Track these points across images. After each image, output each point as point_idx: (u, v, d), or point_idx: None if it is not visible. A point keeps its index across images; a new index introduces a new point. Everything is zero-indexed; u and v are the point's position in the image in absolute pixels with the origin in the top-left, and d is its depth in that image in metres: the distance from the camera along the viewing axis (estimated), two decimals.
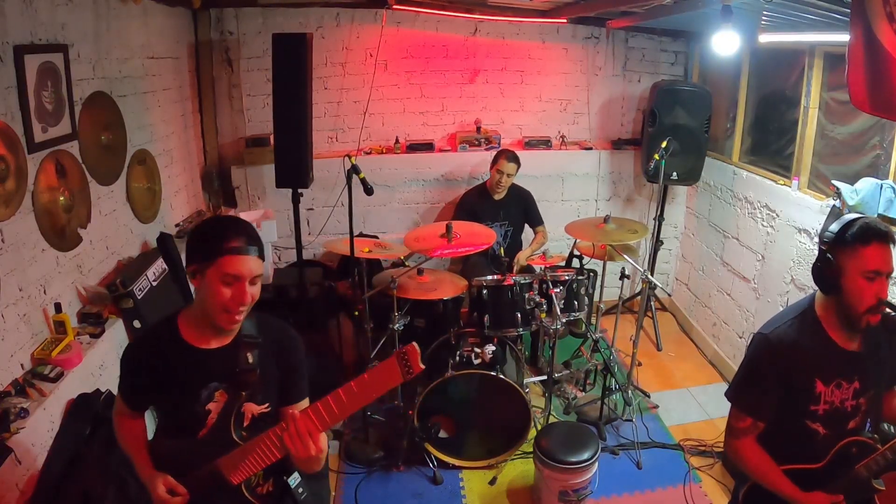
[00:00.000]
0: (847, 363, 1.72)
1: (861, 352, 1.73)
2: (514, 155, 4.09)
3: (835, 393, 1.72)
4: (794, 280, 3.44)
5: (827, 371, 1.72)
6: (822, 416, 1.74)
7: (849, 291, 1.64)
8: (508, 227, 4.24)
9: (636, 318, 3.80)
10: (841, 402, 1.73)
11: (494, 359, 3.20)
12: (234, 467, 1.57)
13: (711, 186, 4.45)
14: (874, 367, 1.74)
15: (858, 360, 1.73)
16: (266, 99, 4.29)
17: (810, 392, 1.72)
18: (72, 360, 2.34)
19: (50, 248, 2.45)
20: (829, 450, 1.75)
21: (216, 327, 1.58)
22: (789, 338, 1.72)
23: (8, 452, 1.90)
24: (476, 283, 3.43)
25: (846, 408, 1.74)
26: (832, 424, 1.75)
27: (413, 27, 4.44)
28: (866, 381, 1.73)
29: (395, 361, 1.36)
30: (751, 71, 4.02)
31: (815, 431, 1.75)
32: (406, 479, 3.21)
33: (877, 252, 1.59)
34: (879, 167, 2.91)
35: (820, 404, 1.73)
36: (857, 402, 1.74)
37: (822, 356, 1.71)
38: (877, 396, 1.78)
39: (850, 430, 1.77)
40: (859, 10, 1.79)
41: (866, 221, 1.62)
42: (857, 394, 1.74)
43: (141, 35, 3.32)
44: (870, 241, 1.59)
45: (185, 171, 4.02)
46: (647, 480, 3.19)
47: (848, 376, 1.72)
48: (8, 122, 2.18)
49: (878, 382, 1.76)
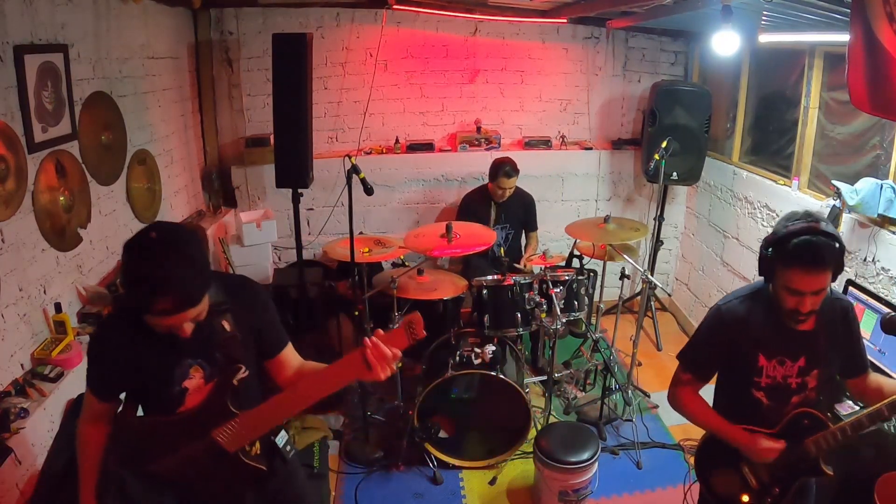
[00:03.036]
0: (793, 341, 1.80)
1: (812, 331, 1.79)
2: (511, 168, 3.97)
3: (777, 369, 1.82)
4: None
5: (770, 347, 1.81)
6: (765, 388, 1.85)
7: (775, 291, 1.77)
8: (510, 230, 4.24)
9: (636, 318, 3.80)
10: (783, 377, 1.83)
11: (494, 359, 3.20)
12: (234, 436, 1.58)
13: (711, 186, 4.45)
14: (824, 348, 1.79)
15: (807, 340, 1.79)
16: (266, 99, 4.30)
17: (753, 364, 1.83)
18: (72, 360, 2.34)
19: (50, 248, 2.45)
20: (774, 419, 1.85)
21: None
22: (738, 312, 1.85)
23: (8, 452, 1.90)
24: (476, 283, 3.42)
25: (789, 384, 1.83)
26: (775, 396, 1.85)
27: (413, 27, 4.44)
28: (813, 360, 1.80)
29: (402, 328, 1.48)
30: (751, 71, 4.02)
31: (758, 400, 1.86)
32: (406, 479, 3.21)
33: (798, 276, 1.65)
34: (879, 167, 2.91)
35: (762, 377, 1.84)
36: (802, 380, 1.82)
37: (767, 333, 1.81)
38: (827, 376, 1.84)
39: (793, 404, 1.85)
40: (859, 10, 1.79)
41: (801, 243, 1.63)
42: (803, 371, 1.82)
43: (141, 35, 3.32)
44: (791, 265, 1.65)
45: (185, 171, 4.02)
46: (647, 480, 3.19)
47: (792, 354, 1.81)
48: (8, 122, 2.18)
49: (828, 363, 1.82)
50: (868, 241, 2.87)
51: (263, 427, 1.62)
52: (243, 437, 1.59)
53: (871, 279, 2.84)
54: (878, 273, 2.81)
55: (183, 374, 1.58)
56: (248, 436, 1.59)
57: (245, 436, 1.59)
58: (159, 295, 1.37)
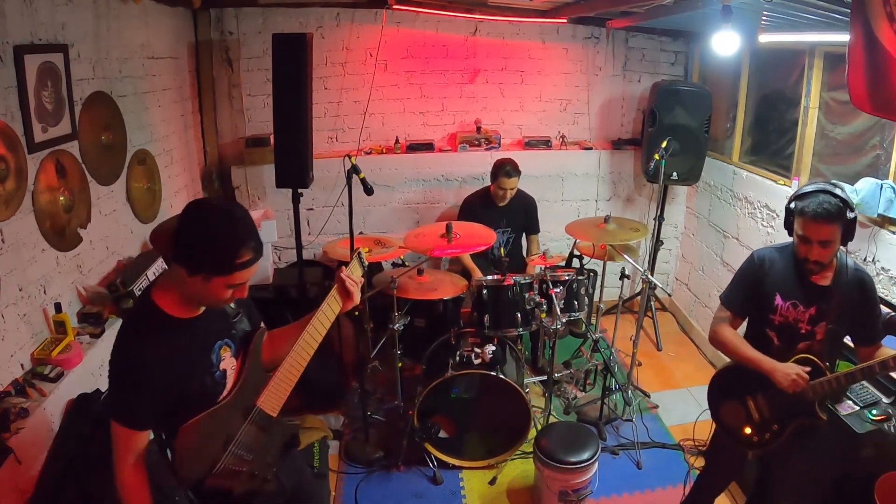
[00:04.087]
0: (808, 290, 2.07)
1: (827, 287, 2.05)
2: (512, 168, 3.94)
3: (790, 311, 2.11)
4: None
5: (788, 291, 2.11)
6: (777, 327, 2.14)
7: (794, 242, 2.09)
8: (511, 233, 4.22)
9: (636, 318, 3.80)
10: (794, 320, 2.10)
11: (494, 359, 3.20)
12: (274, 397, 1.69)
13: (711, 186, 4.45)
14: (836, 306, 2.02)
15: (821, 293, 2.05)
16: (266, 99, 4.30)
17: (770, 302, 2.14)
18: (72, 360, 2.34)
19: (50, 248, 2.45)
20: (782, 360, 2.09)
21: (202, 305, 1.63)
22: (768, 257, 2.18)
23: (8, 452, 1.90)
24: (476, 283, 3.42)
25: (799, 328, 2.10)
26: (784, 338, 2.13)
27: (413, 27, 4.44)
28: (823, 313, 2.04)
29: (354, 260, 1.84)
30: (751, 71, 4.02)
31: (771, 339, 2.16)
32: (406, 479, 3.21)
33: (806, 224, 1.97)
34: (879, 167, 2.91)
35: (776, 315, 2.14)
36: (811, 329, 2.08)
37: (788, 278, 2.11)
38: (834, 333, 2.05)
39: (799, 350, 2.09)
40: (859, 10, 1.79)
41: (814, 201, 1.94)
42: (812, 320, 2.07)
43: (141, 35, 3.32)
44: (802, 214, 1.97)
45: (185, 171, 4.02)
46: (647, 480, 3.19)
47: (806, 301, 2.08)
48: (8, 122, 2.18)
49: (837, 321, 2.03)
50: (868, 241, 2.87)
51: (291, 381, 1.72)
52: (281, 396, 1.70)
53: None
54: (878, 273, 2.81)
55: (218, 358, 1.64)
56: (284, 393, 1.70)
57: (282, 394, 1.70)
58: (245, 246, 1.47)
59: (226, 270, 1.48)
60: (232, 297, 1.56)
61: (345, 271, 1.79)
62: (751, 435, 2.21)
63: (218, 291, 1.51)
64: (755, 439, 2.21)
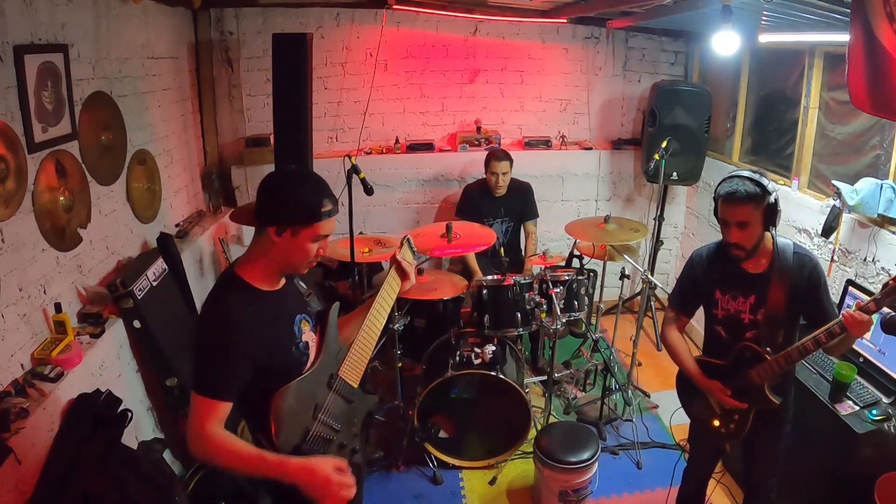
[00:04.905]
0: (744, 280, 2.12)
1: (761, 273, 2.09)
2: (502, 153, 4.07)
3: (730, 303, 2.16)
4: None
5: (725, 283, 2.17)
6: (722, 321, 2.20)
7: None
8: (509, 223, 4.24)
9: (636, 318, 3.80)
10: (736, 311, 2.15)
11: (494, 359, 3.20)
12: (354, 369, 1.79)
13: (711, 186, 4.44)
14: (775, 292, 2.05)
15: (757, 280, 2.10)
16: (266, 99, 4.29)
17: (711, 297, 2.20)
18: (72, 360, 2.33)
19: (50, 248, 2.45)
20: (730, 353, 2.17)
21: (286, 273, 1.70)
22: (702, 254, 2.25)
23: (8, 452, 1.90)
24: (476, 283, 3.42)
25: (742, 318, 2.14)
26: (730, 330, 2.18)
27: (413, 27, 4.44)
28: (761, 300, 2.08)
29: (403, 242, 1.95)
30: (751, 71, 4.02)
31: (719, 334, 2.21)
32: (406, 479, 3.21)
33: (722, 207, 2.04)
34: (879, 167, 2.91)
35: (719, 309, 2.20)
36: (754, 317, 2.12)
37: (723, 271, 2.17)
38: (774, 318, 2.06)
39: (747, 339, 2.12)
40: (859, 10, 1.79)
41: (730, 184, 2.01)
42: (753, 309, 2.11)
43: (141, 35, 3.32)
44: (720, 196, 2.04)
45: (185, 171, 4.02)
46: (647, 480, 3.19)
47: (744, 291, 2.13)
48: (8, 122, 2.18)
49: (776, 306, 2.05)
50: (868, 241, 2.87)
51: (365, 355, 1.82)
52: (359, 369, 1.80)
53: (871, 279, 2.84)
54: (878, 273, 2.81)
55: (299, 330, 1.71)
56: (361, 366, 1.80)
57: (360, 366, 1.80)
58: (325, 196, 1.59)
59: (313, 218, 1.57)
60: (316, 257, 1.64)
61: (399, 253, 1.92)
62: (719, 427, 2.26)
63: (305, 247, 1.60)
64: (723, 430, 2.25)
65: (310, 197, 1.58)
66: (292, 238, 1.58)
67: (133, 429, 2.54)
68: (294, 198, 1.58)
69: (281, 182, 1.63)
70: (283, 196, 1.59)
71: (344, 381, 1.77)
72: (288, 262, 1.64)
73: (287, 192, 1.59)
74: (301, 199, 1.58)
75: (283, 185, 1.61)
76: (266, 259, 1.62)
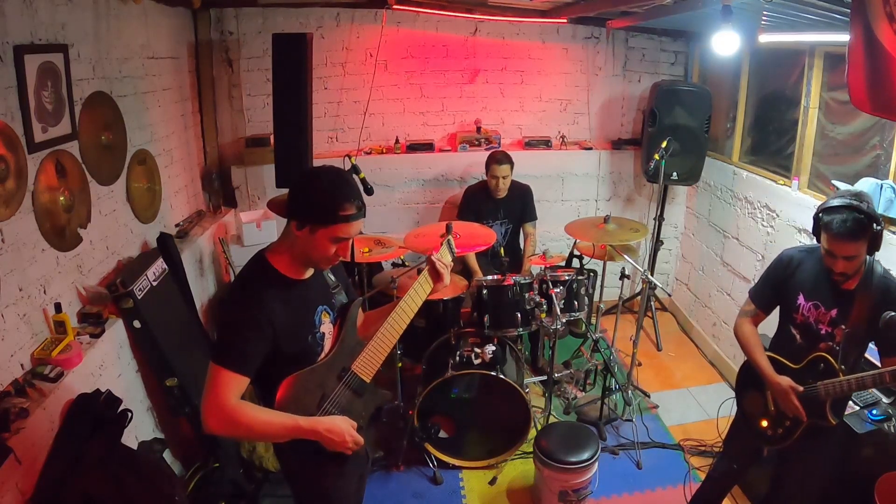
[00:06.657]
0: (830, 292, 2.10)
1: (851, 291, 2.05)
2: (503, 156, 4.05)
3: (811, 311, 2.14)
4: None
5: (811, 291, 2.15)
6: (800, 326, 2.18)
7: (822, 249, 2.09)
8: (508, 224, 4.24)
9: (636, 318, 3.80)
10: (815, 321, 2.13)
11: (494, 359, 3.20)
12: (368, 364, 1.81)
13: (711, 186, 4.45)
14: (858, 311, 2.02)
15: (844, 296, 2.06)
16: (266, 99, 4.29)
17: (793, 301, 2.19)
18: (72, 360, 2.33)
19: (50, 248, 2.45)
20: (803, 357, 2.15)
21: (308, 266, 1.74)
22: (795, 257, 2.24)
23: (8, 452, 1.90)
24: (476, 283, 3.42)
25: (819, 329, 2.12)
26: (806, 336, 2.16)
27: (413, 27, 4.44)
28: (844, 316, 2.05)
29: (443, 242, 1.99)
30: (751, 71, 4.02)
31: (794, 336, 2.20)
32: (406, 479, 3.21)
33: (830, 241, 1.99)
34: (879, 167, 2.91)
35: (798, 314, 2.18)
36: (831, 330, 2.09)
37: (813, 279, 2.15)
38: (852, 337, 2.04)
39: (821, 349, 2.11)
40: (859, 10, 1.79)
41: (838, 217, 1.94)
42: (833, 322, 2.09)
43: (141, 35, 3.32)
44: (826, 230, 1.99)
45: (185, 171, 4.02)
46: (647, 480, 3.19)
47: (827, 302, 2.10)
48: (8, 122, 2.18)
49: (857, 325, 2.03)
50: None
51: (383, 353, 1.84)
52: (374, 365, 1.82)
53: None
54: None
55: (319, 320, 1.76)
56: (376, 362, 1.82)
57: (375, 362, 1.82)
58: (348, 200, 1.61)
59: (329, 220, 1.60)
60: (335, 257, 1.68)
61: (436, 254, 1.94)
62: (766, 428, 2.26)
63: (323, 245, 1.63)
64: (769, 433, 2.25)
65: (331, 198, 1.60)
66: (311, 234, 1.62)
67: (133, 429, 2.54)
68: (316, 196, 1.61)
69: (309, 179, 1.67)
70: (306, 193, 1.64)
71: (356, 375, 1.79)
72: (307, 256, 1.68)
73: (310, 190, 1.63)
74: (322, 198, 1.61)
75: (311, 182, 1.65)
76: (291, 250, 1.69)
